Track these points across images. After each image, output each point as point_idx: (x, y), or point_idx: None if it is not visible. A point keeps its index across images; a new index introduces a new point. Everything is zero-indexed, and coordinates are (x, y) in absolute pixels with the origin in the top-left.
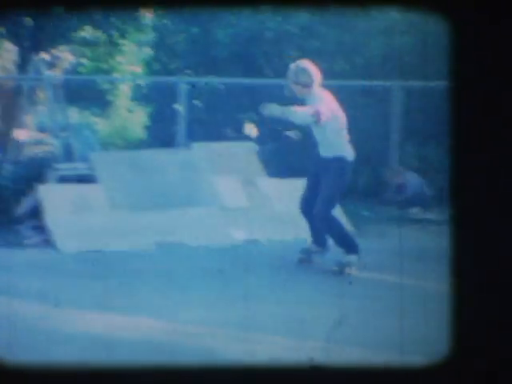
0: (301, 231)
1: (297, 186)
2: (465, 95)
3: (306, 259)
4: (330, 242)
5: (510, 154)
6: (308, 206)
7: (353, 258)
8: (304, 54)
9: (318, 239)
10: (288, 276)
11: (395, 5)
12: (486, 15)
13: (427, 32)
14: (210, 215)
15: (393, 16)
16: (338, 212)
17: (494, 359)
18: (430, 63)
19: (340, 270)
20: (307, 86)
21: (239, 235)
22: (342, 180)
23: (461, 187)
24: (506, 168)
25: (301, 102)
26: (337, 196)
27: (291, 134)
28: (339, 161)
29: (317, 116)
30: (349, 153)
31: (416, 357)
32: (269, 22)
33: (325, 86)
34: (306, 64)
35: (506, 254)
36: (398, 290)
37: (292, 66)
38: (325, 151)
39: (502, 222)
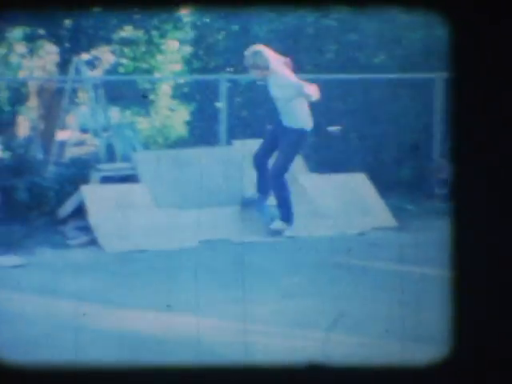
0: (343, 227)
1: (338, 182)
2: (465, 95)
3: (247, 204)
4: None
5: (510, 153)
6: (261, 161)
7: (283, 225)
8: (343, 47)
9: (262, 188)
10: (329, 271)
11: (395, 5)
12: (485, 15)
13: None
14: (253, 212)
15: None
16: (380, 205)
17: (494, 359)
18: None
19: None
20: (265, 68)
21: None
22: (299, 148)
23: (461, 187)
24: (506, 168)
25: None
26: (292, 161)
27: (332, 128)
28: (300, 132)
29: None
30: (309, 124)
31: (416, 356)
32: (308, 17)
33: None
34: (260, 47)
35: (507, 253)
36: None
37: (247, 52)
38: (289, 121)
39: (503, 222)
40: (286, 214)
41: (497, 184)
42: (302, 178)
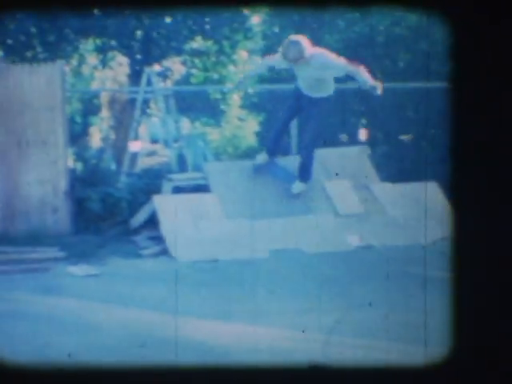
0: (415, 236)
1: (409, 191)
2: (465, 95)
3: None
4: None
5: (510, 153)
6: (283, 130)
7: (303, 186)
8: (415, 55)
9: (271, 150)
10: (401, 281)
11: (395, 5)
12: (485, 15)
13: None
14: (324, 221)
15: None
16: None
17: (494, 359)
18: None
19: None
20: (301, 57)
21: (353, 241)
22: (326, 118)
23: (461, 187)
24: (506, 168)
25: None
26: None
27: (404, 137)
28: (328, 98)
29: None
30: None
31: (416, 357)
32: (379, 25)
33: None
34: (296, 37)
35: (507, 254)
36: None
37: (283, 44)
38: (319, 93)
39: (503, 222)
40: (307, 176)
41: (497, 184)
42: (373, 187)
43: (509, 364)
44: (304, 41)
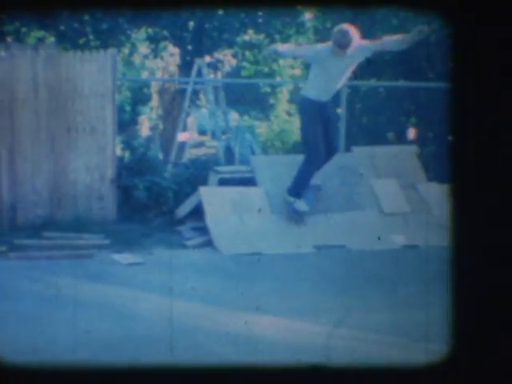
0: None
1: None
2: (465, 95)
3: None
4: None
5: (510, 153)
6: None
7: (303, 204)
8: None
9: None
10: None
11: (395, 5)
12: (485, 15)
13: None
14: (370, 219)
15: None
16: None
17: (494, 359)
18: None
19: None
20: (348, 46)
21: (399, 240)
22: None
23: (461, 187)
24: (506, 168)
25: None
26: None
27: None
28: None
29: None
30: None
31: (416, 356)
32: (433, 23)
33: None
34: (347, 27)
35: (506, 253)
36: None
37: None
38: (326, 95)
39: (503, 222)
40: (293, 190)
41: (497, 184)
42: (420, 187)
43: (508, 364)
44: (355, 30)
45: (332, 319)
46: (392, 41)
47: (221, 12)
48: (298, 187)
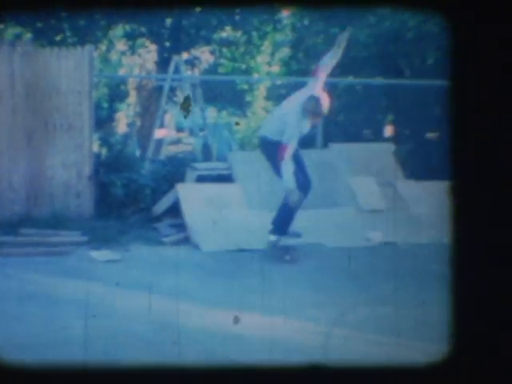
0: (438, 234)
1: (434, 189)
2: (465, 94)
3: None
4: None
5: (510, 153)
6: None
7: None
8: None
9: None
10: (426, 278)
11: (395, 5)
12: (485, 15)
13: None
14: (347, 216)
15: None
16: None
17: (494, 359)
18: None
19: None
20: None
21: (376, 237)
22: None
23: (461, 187)
24: (506, 168)
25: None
26: None
27: (430, 135)
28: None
29: None
30: None
31: (416, 356)
32: (410, 21)
33: None
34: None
35: (507, 253)
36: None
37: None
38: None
39: (503, 222)
40: (277, 228)
41: (497, 182)
42: (398, 184)
43: (509, 364)
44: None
45: (302, 316)
46: (327, 58)
47: (198, 9)
48: (284, 225)
